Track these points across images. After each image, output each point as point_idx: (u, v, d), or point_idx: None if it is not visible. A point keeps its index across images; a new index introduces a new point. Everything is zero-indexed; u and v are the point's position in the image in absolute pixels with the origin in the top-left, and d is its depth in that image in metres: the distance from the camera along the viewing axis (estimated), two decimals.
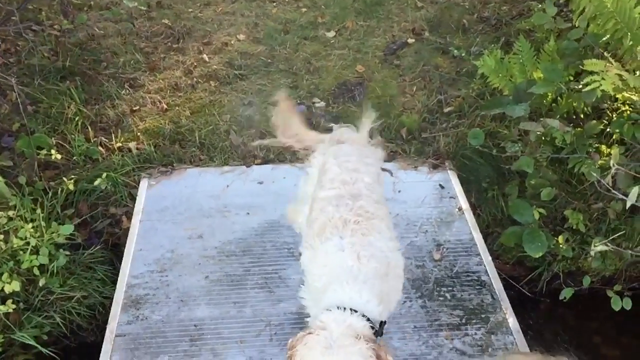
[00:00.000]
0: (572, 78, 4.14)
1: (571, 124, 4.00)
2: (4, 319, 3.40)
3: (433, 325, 3.41)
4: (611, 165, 2.39)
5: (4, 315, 3.38)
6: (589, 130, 3.88)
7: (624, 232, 3.87)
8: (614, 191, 2.62)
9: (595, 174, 3.05)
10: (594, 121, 4.01)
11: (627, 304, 3.44)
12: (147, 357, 3.22)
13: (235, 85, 5.18)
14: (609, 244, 2.61)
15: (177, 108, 4.91)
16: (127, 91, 5.05)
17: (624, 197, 2.37)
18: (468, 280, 3.67)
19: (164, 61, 5.41)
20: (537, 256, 3.73)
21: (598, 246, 2.67)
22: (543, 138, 4.06)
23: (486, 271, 3.72)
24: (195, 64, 5.39)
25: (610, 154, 3.42)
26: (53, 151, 4.12)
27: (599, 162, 3.63)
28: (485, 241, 3.99)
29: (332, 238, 2.50)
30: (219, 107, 4.95)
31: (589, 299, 4.07)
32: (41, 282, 3.55)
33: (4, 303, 3.36)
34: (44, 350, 3.48)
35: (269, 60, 5.48)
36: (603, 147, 4.06)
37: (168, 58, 5.45)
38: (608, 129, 4.11)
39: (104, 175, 4.14)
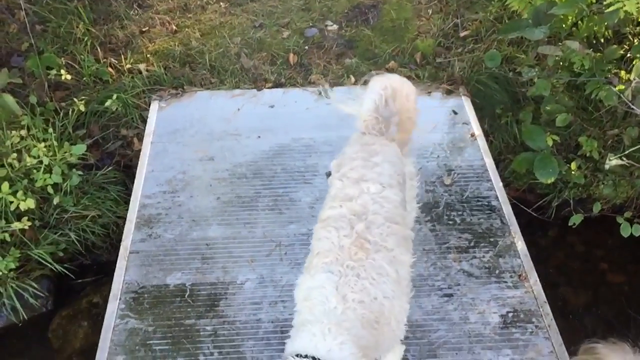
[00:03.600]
0: (594, 0, 3.99)
1: (591, 49, 3.89)
2: (20, 236, 3.47)
3: (442, 248, 3.44)
4: (632, 79, 2.33)
5: (20, 231, 3.45)
6: (608, 55, 3.77)
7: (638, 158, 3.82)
8: (632, 106, 2.57)
9: (616, 90, 2.92)
10: (615, 46, 3.89)
11: (637, 230, 3.45)
12: (160, 274, 3.29)
13: (246, 7, 5.06)
14: (624, 159, 2.57)
15: (186, 29, 4.82)
16: (136, 11, 4.95)
17: None
18: (478, 205, 3.67)
19: None
20: (548, 182, 3.72)
21: (613, 160, 2.63)
22: (561, 63, 3.96)
23: (496, 196, 3.72)
24: None
25: (629, 80, 3.34)
26: (63, 71, 4.10)
27: (618, 87, 3.54)
28: (497, 168, 3.96)
29: (322, 271, 2.10)
30: (229, 29, 4.85)
31: (598, 226, 4.09)
32: (55, 201, 3.60)
33: (19, 220, 3.42)
34: (59, 267, 3.57)
35: None
36: (622, 72, 3.95)
37: None
38: (628, 54, 3.99)
39: (115, 96, 4.13)
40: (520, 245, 3.45)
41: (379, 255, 2.14)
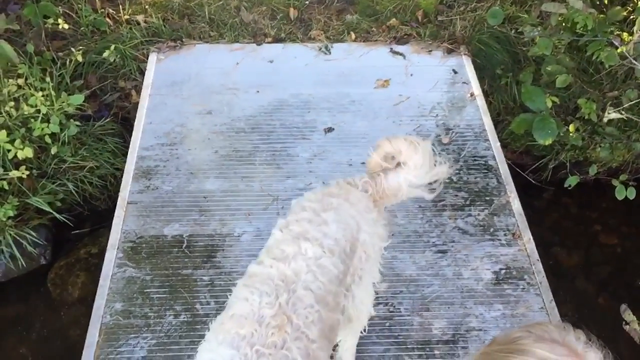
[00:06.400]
0: None
1: (594, 9, 3.84)
2: (19, 184, 3.47)
3: (437, 205, 3.47)
4: (635, 32, 2.31)
5: (18, 180, 3.45)
6: (612, 16, 3.73)
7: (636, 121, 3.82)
8: (634, 62, 2.56)
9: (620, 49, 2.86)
10: (618, 7, 3.85)
11: (631, 193, 3.46)
12: (158, 224, 3.32)
13: None
14: (622, 112, 2.57)
15: None
16: None
17: None
18: (475, 164, 3.69)
19: None
20: (546, 143, 3.72)
21: (612, 114, 2.63)
22: (564, 24, 3.92)
23: (494, 156, 3.73)
24: None
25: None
26: (60, 20, 4.04)
27: (620, 49, 3.52)
28: (495, 129, 3.97)
29: (229, 346, 1.71)
30: None
31: (593, 189, 4.12)
32: (53, 151, 3.59)
33: (17, 169, 3.42)
34: (57, 215, 3.59)
35: None
36: (625, 34, 3.92)
37: None
38: (632, 16, 3.95)
39: (112, 47, 4.08)
40: (516, 204, 3.47)
41: (296, 345, 1.76)
